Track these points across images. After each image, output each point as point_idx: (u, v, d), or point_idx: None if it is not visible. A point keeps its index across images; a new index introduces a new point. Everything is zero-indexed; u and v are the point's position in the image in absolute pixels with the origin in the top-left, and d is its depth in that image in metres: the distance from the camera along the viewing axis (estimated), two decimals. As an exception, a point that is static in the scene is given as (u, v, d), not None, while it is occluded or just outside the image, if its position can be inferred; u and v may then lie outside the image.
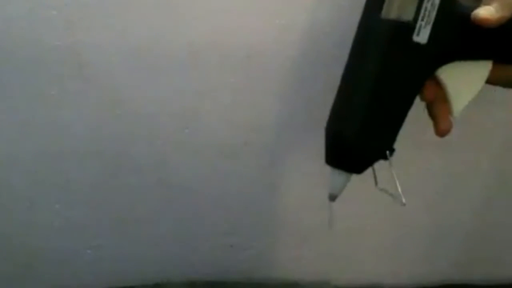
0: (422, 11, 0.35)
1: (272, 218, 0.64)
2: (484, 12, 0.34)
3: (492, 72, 0.38)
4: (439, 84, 0.39)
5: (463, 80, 0.39)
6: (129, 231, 0.63)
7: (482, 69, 0.39)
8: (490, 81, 0.39)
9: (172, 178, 0.60)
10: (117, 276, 0.66)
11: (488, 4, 0.35)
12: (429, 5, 0.35)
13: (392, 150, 0.39)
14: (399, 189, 0.39)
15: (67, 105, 0.53)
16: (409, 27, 0.36)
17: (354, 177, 0.41)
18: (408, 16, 0.36)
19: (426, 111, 0.41)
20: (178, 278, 0.68)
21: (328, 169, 0.41)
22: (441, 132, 0.40)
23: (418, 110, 0.40)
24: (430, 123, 0.41)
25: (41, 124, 0.54)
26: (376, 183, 0.42)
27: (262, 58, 0.53)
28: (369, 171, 0.41)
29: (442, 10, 0.36)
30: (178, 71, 0.53)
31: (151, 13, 0.49)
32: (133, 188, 0.60)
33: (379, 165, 0.40)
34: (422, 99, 0.40)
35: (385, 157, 0.39)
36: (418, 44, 0.36)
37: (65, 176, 0.58)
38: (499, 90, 0.41)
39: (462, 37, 0.37)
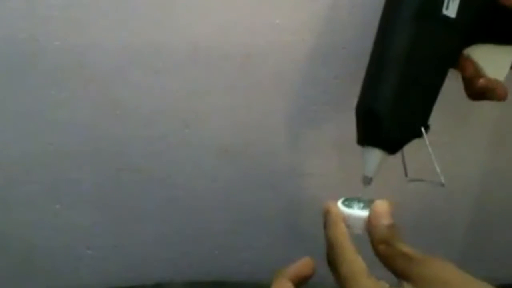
0: None
1: (272, 218, 0.64)
2: None
3: None
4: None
5: (492, 61, 0.39)
6: (129, 231, 0.63)
7: (509, 53, 0.39)
8: None
9: (172, 178, 0.60)
10: (117, 276, 0.66)
11: None
12: None
13: (427, 127, 0.38)
14: (438, 169, 0.38)
15: (67, 105, 0.53)
16: (438, 0, 0.35)
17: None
18: None
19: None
20: (178, 278, 0.68)
21: (328, 168, 0.41)
22: (502, 96, 0.39)
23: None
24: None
25: (41, 124, 0.54)
26: (406, 174, 0.41)
27: (262, 58, 0.53)
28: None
29: None
30: (178, 71, 0.53)
31: (151, 14, 0.49)
32: (133, 188, 0.59)
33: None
34: (464, 76, 0.39)
35: (419, 135, 0.38)
36: (447, 18, 0.36)
37: (65, 176, 0.58)
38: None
39: (489, 16, 0.37)
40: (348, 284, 0.29)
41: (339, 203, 0.36)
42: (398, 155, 0.40)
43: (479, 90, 0.39)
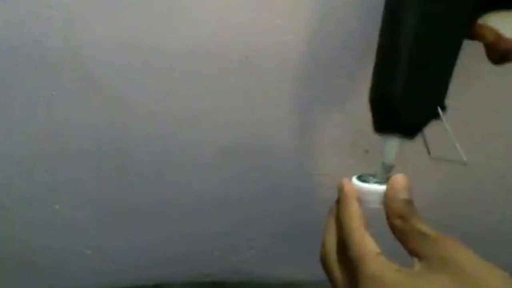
0: None
1: (272, 218, 0.64)
2: None
3: None
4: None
5: (510, 24, 0.37)
6: (129, 231, 0.63)
7: None
8: None
9: (172, 178, 0.60)
10: (117, 276, 0.66)
11: None
12: None
13: (443, 107, 0.37)
14: (458, 146, 0.36)
15: (67, 105, 0.53)
16: None
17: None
18: None
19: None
20: (178, 278, 0.68)
21: (328, 168, 0.41)
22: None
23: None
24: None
25: (41, 124, 0.54)
26: (429, 152, 0.39)
27: (261, 58, 0.53)
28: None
29: None
30: (178, 72, 0.53)
31: (151, 14, 0.49)
32: (133, 188, 0.59)
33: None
34: (485, 43, 0.38)
35: (437, 116, 0.36)
36: None
37: (65, 176, 0.58)
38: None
39: None
40: (357, 265, 0.28)
41: (354, 179, 0.34)
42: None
43: (503, 53, 0.37)
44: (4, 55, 0.50)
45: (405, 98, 0.35)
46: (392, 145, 0.37)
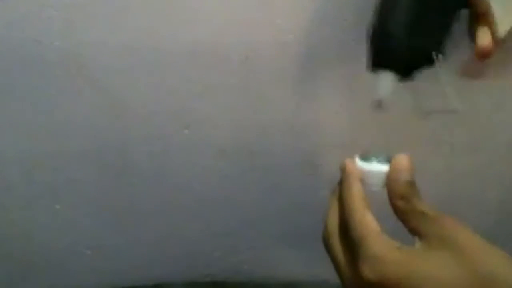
0: None
1: (272, 218, 0.64)
2: None
3: None
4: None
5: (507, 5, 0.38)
6: (129, 231, 0.63)
7: None
8: None
9: (172, 178, 0.60)
10: (117, 276, 0.66)
11: None
12: None
13: (441, 53, 0.38)
14: (449, 92, 0.38)
15: (67, 105, 0.53)
16: None
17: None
18: None
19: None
20: (178, 278, 0.68)
21: (328, 168, 0.41)
22: (480, 50, 0.39)
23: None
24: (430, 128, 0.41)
25: (41, 124, 0.54)
26: (421, 108, 0.41)
27: (262, 58, 0.53)
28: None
29: None
30: (178, 72, 0.53)
31: (151, 14, 0.49)
32: (133, 188, 0.60)
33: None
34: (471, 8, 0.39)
35: (432, 62, 0.38)
36: None
37: (65, 176, 0.58)
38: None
39: None
40: (358, 245, 0.28)
41: (357, 159, 0.35)
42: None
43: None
44: (4, 55, 0.50)
45: (405, 37, 0.37)
46: (385, 81, 0.38)
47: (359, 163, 0.34)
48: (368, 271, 0.27)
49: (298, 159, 0.60)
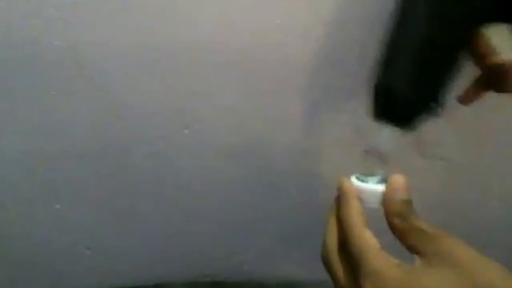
0: None
1: (272, 218, 0.64)
2: None
3: None
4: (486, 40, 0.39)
5: (506, 40, 0.39)
6: (129, 231, 0.63)
7: None
8: None
9: (172, 178, 0.60)
10: (117, 276, 0.66)
11: None
12: None
13: (442, 104, 0.39)
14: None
15: (67, 105, 0.53)
16: None
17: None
18: None
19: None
20: (178, 278, 0.68)
21: (328, 168, 0.41)
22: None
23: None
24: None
25: (41, 124, 0.54)
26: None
27: (262, 58, 0.53)
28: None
29: None
30: (178, 72, 0.53)
31: (151, 14, 0.49)
32: (133, 188, 0.60)
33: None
34: (478, 52, 0.40)
35: (433, 113, 0.39)
36: None
37: (65, 176, 0.58)
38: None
39: None
40: (358, 261, 0.28)
41: (353, 178, 0.35)
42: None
43: (490, 69, 0.39)
44: (4, 55, 0.50)
45: (407, 91, 0.38)
46: (388, 134, 0.39)
47: (355, 182, 0.34)
48: (369, 287, 0.27)
49: (298, 159, 0.60)
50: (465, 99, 0.45)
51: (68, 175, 0.58)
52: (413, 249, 0.29)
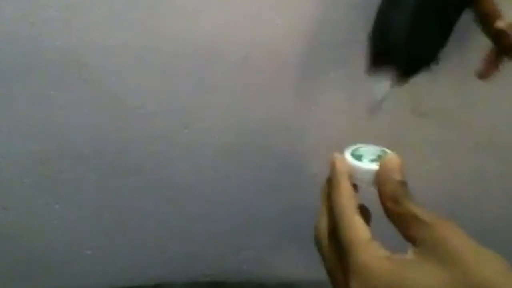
0: None
1: (272, 218, 0.64)
2: None
3: None
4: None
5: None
6: (129, 231, 0.63)
7: None
8: None
9: (172, 178, 0.60)
10: (117, 276, 0.66)
11: None
12: None
13: (437, 58, 0.39)
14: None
15: (67, 105, 0.53)
16: None
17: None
18: None
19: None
20: (179, 278, 0.68)
21: (328, 168, 0.40)
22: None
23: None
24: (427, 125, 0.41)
25: (41, 124, 0.54)
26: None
27: (262, 58, 0.53)
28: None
29: None
30: (178, 72, 0.53)
31: (150, 14, 0.49)
32: (133, 188, 0.60)
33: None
34: (481, 12, 0.40)
35: (428, 65, 0.39)
36: None
37: (65, 176, 0.58)
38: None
39: None
40: (347, 252, 0.27)
41: (348, 154, 0.33)
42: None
43: (494, 32, 0.39)
44: (4, 55, 0.50)
45: (404, 43, 0.38)
46: (381, 85, 0.39)
47: (349, 158, 0.33)
48: (356, 281, 0.26)
49: (298, 159, 0.60)
50: (484, 72, 0.44)
51: (68, 175, 0.58)
52: (406, 235, 0.27)
